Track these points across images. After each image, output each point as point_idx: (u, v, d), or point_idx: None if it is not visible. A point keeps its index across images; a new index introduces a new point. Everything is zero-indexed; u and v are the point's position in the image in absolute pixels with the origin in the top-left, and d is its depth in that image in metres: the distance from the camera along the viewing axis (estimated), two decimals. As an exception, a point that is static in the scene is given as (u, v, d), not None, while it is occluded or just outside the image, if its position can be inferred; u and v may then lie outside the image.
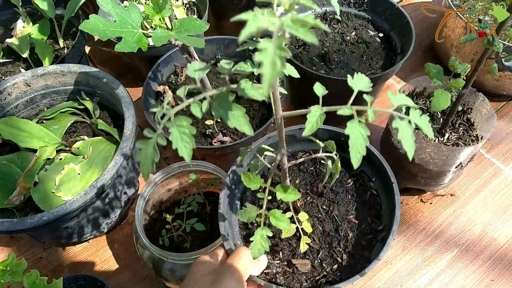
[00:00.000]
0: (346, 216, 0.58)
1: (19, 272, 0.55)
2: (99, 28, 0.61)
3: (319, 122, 0.39)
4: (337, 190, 0.60)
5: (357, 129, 0.36)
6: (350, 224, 0.57)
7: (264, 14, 0.27)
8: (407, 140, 0.37)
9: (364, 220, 0.57)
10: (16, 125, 0.74)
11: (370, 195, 0.60)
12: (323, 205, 0.59)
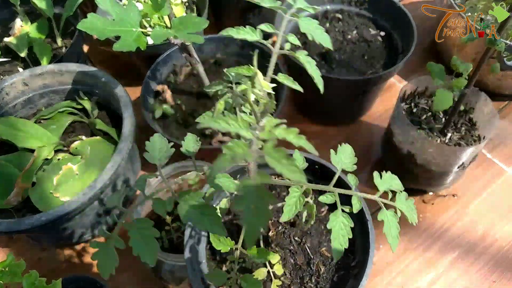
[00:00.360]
0: (319, 249, 0.55)
1: (18, 273, 0.55)
2: (97, 27, 0.60)
3: (298, 206, 0.37)
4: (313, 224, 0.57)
5: (339, 220, 0.36)
6: (322, 257, 0.55)
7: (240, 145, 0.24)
8: (393, 233, 0.36)
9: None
10: (14, 125, 0.74)
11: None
12: (295, 236, 0.56)
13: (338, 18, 0.96)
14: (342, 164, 0.41)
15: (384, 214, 0.36)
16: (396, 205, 0.37)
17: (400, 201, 0.38)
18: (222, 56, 0.92)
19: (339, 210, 0.36)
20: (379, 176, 0.39)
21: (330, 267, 0.54)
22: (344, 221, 0.36)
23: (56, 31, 0.94)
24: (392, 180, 0.39)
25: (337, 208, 0.36)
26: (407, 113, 0.79)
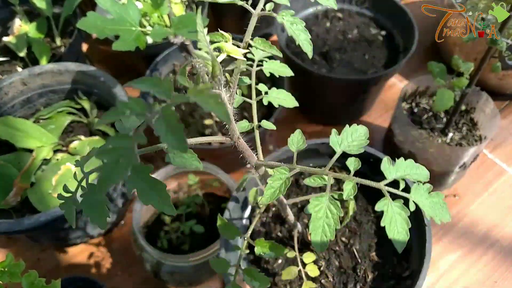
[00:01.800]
0: (368, 253, 0.49)
1: (17, 273, 0.54)
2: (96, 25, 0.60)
3: (283, 189, 0.31)
4: (361, 220, 0.52)
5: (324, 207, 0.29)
6: (371, 262, 0.49)
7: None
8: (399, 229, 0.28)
9: (388, 260, 0.48)
10: (12, 125, 0.73)
11: None
12: (342, 237, 0.51)
13: (338, 18, 0.95)
14: (344, 145, 0.34)
15: (386, 204, 0.29)
16: (411, 196, 0.29)
17: (417, 192, 0.30)
18: (222, 55, 0.91)
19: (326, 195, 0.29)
20: (389, 161, 0.31)
21: (378, 274, 0.48)
22: (332, 208, 0.29)
23: (55, 31, 0.93)
24: (411, 168, 0.32)
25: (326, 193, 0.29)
26: (408, 113, 0.78)
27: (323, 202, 0.29)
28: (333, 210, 0.29)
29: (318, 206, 0.29)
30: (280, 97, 0.38)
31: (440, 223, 0.31)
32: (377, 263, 0.48)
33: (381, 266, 0.48)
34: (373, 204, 0.52)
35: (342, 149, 0.34)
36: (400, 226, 0.29)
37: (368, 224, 0.51)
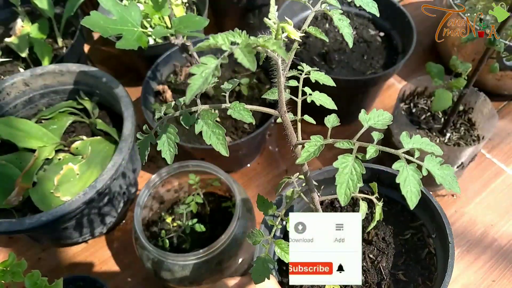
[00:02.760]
0: (394, 271, 0.50)
1: (19, 273, 0.55)
2: (100, 24, 0.61)
3: (317, 152, 0.36)
4: (390, 241, 0.53)
5: (350, 164, 0.33)
6: (396, 281, 0.50)
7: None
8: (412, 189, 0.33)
9: (414, 280, 0.50)
10: (14, 125, 0.74)
11: (427, 253, 0.52)
12: (370, 254, 0.52)
13: (337, 19, 0.96)
14: (372, 121, 0.39)
15: (401, 165, 0.33)
16: (424, 164, 0.33)
17: (430, 162, 0.34)
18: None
19: (353, 155, 0.34)
20: (407, 135, 0.36)
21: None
22: (356, 166, 0.33)
23: (56, 32, 0.94)
24: (425, 143, 0.35)
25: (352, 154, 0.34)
26: (407, 113, 0.79)
27: (349, 161, 0.34)
28: (357, 168, 0.34)
29: (345, 163, 0.34)
30: (322, 99, 0.45)
31: (449, 191, 0.35)
32: (402, 281, 0.50)
33: (406, 284, 0.50)
34: (403, 229, 0.54)
35: (370, 124, 0.40)
36: (413, 185, 0.33)
37: (397, 245, 0.53)
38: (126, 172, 0.74)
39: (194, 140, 0.80)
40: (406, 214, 0.55)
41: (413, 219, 0.55)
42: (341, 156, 0.34)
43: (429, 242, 0.52)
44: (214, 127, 0.36)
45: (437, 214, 0.50)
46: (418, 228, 0.54)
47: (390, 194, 0.56)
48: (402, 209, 0.56)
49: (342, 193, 0.33)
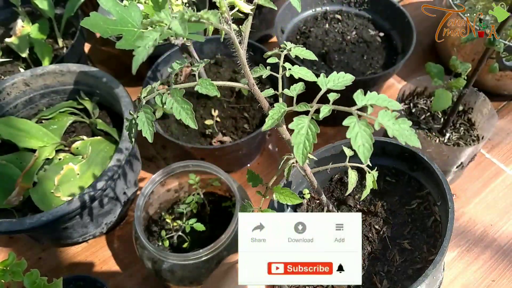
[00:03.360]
0: (400, 241, 0.51)
1: (19, 272, 0.55)
2: (99, 25, 0.61)
3: (280, 119, 0.38)
4: (396, 211, 0.54)
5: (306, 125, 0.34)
6: (402, 250, 0.51)
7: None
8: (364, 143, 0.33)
9: (419, 248, 0.50)
10: (15, 125, 0.74)
11: (433, 221, 0.52)
12: (376, 225, 0.53)
13: (337, 19, 0.96)
14: (332, 83, 0.40)
15: (352, 121, 0.33)
16: (378, 119, 0.33)
17: (384, 117, 0.33)
18: (222, 56, 0.92)
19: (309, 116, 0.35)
20: (361, 92, 0.35)
21: (407, 258, 0.50)
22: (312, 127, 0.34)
23: (57, 32, 0.94)
24: (379, 99, 0.35)
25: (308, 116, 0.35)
26: (406, 113, 0.79)
27: (305, 122, 0.34)
28: (313, 128, 0.34)
29: (301, 124, 0.34)
30: (301, 72, 0.45)
31: (405, 144, 0.34)
32: (407, 249, 0.51)
33: (411, 252, 0.51)
34: (410, 199, 0.55)
35: (328, 86, 0.40)
36: (365, 140, 0.33)
37: (403, 215, 0.54)
38: (126, 172, 0.74)
39: (194, 140, 0.80)
40: (414, 184, 0.56)
41: (420, 188, 0.55)
42: (296, 118, 0.35)
43: (434, 210, 0.53)
44: (182, 103, 0.38)
45: (440, 182, 0.51)
46: (424, 197, 0.54)
47: (397, 166, 0.57)
48: (409, 180, 0.56)
49: (300, 153, 0.34)
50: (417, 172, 0.56)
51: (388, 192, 0.56)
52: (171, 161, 0.90)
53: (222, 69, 0.90)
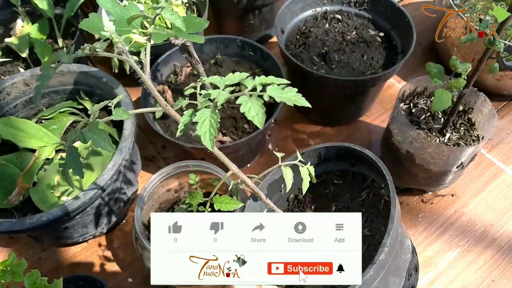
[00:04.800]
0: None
1: (19, 272, 0.55)
2: (99, 26, 0.61)
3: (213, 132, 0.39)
4: (350, 206, 0.58)
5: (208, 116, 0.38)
6: (363, 238, 0.53)
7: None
8: (257, 112, 0.37)
9: (378, 231, 0.54)
10: (15, 125, 0.74)
11: (384, 203, 0.56)
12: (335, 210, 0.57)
13: (337, 19, 0.96)
14: (227, 81, 0.43)
15: (244, 99, 0.37)
16: (267, 93, 0.38)
17: (272, 90, 0.38)
18: (222, 56, 0.92)
19: (211, 109, 0.39)
20: (252, 79, 0.39)
21: (370, 244, 0.53)
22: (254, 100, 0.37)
23: (57, 32, 0.94)
24: (270, 80, 0.39)
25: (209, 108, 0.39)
26: (406, 113, 0.79)
27: (207, 114, 0.39)
28: (214, 117, 0.39)
29: (204, 116, 0.39)
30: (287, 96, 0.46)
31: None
32: (368, 236, 0.54)
33: (372, 237, 0.54)
34: (359, 192, 0.58)
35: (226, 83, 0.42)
36: (258, 110, 0.37)
37: (358, 208, 0.58)
38: (126, 172, 0.74)
39: (194, 140, 0.80)
40: (358, 177, 0.60)
41: (364, 179, 0.59)
42: (199, 112, 0.39)
43: (382, 193, 0.57)
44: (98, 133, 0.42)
45: (377, 166, 0.54)
46: (370, 186, 0.59)
47: (339, 167, 0.61)
48: (353, 175, 0.60)
49: (208, 140, 0.38)
50: (357, 166, 0.60)
51: (339, 193, 0.60)
52: (171, 161, 0.90)
53: (222, 69, 0.90)
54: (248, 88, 0.39)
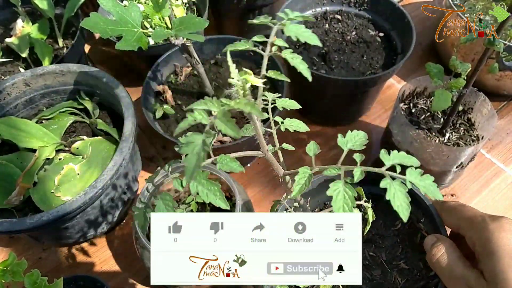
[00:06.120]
0: (396, 262, 0.53)
1: (19, 272, 0.55)
2: (99, 25, 0.61)
3: (307, 183, 0.39)
4: (384, 234, 0.56)
5: (341, 190, 0.36)
6: (400, 270, 0.53)
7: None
8: (402, 203, 0.36)
9: (416, 265, 0.53)
10: (15, 125, 0.74)
11: (420, 237, 0.55)
12: (369, 252, 0.55)
13: (337, 19, 0.96)
14: (350, 144, 0.41)
15: (387, 183, 0.35)
16: (406, 178, 0.36)
17: (411, 175, 0.36)
18: (222, 56, 0.92)
19: (342, 180, 0.37)
20: (385, 152, 0.38)
21: (408, 278, 0.52)
22: (348, 191, 0.36)
23: (57, 32, 0.94)
24: (405, 158, 0.38)
25: (341, 180, 0.37)
26: (406, 113, 0.79)
27: (340, 187, 0.37)
28: (349, 192, 0.36)
29: (337, 190, 0.36)
30: (294, 124, 0.49)
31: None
32: (405, 269, 0.52)
33: (409, 271, 0.52)
34: (393, 221, 0.56)
35: (349, 147, 0.41)
36: (402, 200, 0.35)
37: (391, 237, 0.56)
38: (126, 172, 0.74)
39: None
40: (391, 206, 0.57)
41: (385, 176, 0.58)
42: (332, 183, 0.37)
43: (419, 226, 0.55)
44: (208, 185, 0.38)
45: (421, 201, 0.53)
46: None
47: (371, 190, 0.58)
48: (388, 202, 0.58)
49: (337, 208, 0.36)
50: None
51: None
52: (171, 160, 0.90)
53: (222, 69, 0.90)
54: (386, 165, 0.37)
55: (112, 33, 0.61)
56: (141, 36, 0.63)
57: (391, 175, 0.35)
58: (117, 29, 0.62)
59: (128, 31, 0.63)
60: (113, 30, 0.62)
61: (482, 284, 0.40)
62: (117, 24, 0.62)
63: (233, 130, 0.28)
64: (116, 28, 0.62)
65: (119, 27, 0.62)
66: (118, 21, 0.63)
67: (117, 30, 0.62)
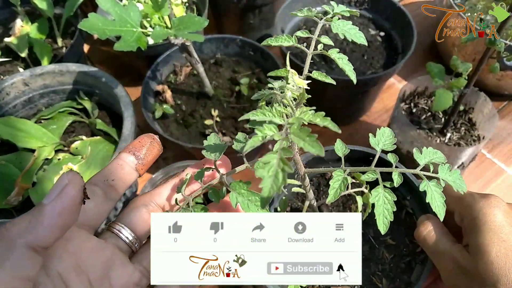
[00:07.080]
0: (383, 238, 0.54)
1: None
2: (98, 26, 0.61)
3: (342, 188, 0.39)
4: (371, 212, 0.58)
5: (381, 196, 0.37)
6: (387, 246, 0.54)
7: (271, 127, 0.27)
8: (438, 203, 0.37)
9: (402, 241, 0.54)
10: (14, 125, 0.74)
11: (405, 213, 0.56)
12: None
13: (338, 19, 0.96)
14: (382, 144, 0.42)
15: (425, 184, 0.37)
16: (439, 176, 0.37)
17: (443, 171, 0.38)
18: (222, 56, 0.92)
19: (380, 185, 0.37)
20: (419, 151, 0.39)
21: (395, 253, 0.53)
22: (387, 196, 0.36)
23: (56, 31, 0.94)
24: (434, 154, 0.39)
25: (379, 184, 0.37)
26: (407, 113, 0.79)
27: (380, 192, 0.37)
28: (388, 196, 0.37)
29: (378, 196, 0.37)
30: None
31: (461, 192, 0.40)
32: (392, 245, 0.54)
33: (396, 247, 0.53)
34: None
35: (381, 147, 0.42)
36: (439, 200, 0.37)
37: None
38: (126, 172, 0.74)
39: (194, 140, 0.80)
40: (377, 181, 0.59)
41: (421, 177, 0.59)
42: (373, 190, 0.37)
43: (405, 203, 0.56)
44: (249, 195, 0.37)
45: (408, 178, 0.54)
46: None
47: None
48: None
49: (381, 223, 0.37)
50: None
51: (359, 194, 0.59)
52: (171, 161, 0.90)
53: (222, 68, 0.90)
54: (421, 165, 0.38)
55: (110, 34, 0.61)
56: (140, 36, 0.63)
57: (427, 175, 0.37)
58: (116, 29, 0.62)
59: (127, 31, 0.62)
60: (112, 31, 0.61)
61: (465, 256, 0.41)
62: (116, 24, 0.62)
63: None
64: (115, 29, 0.62)
65: (118, 27, 0.62)
66: (117, 21, 0.62)
67: (116, 31, 0.62)
